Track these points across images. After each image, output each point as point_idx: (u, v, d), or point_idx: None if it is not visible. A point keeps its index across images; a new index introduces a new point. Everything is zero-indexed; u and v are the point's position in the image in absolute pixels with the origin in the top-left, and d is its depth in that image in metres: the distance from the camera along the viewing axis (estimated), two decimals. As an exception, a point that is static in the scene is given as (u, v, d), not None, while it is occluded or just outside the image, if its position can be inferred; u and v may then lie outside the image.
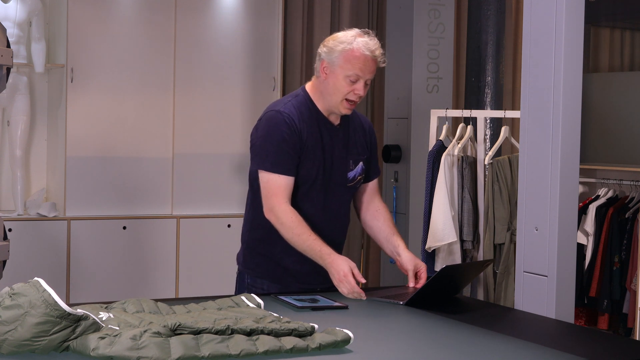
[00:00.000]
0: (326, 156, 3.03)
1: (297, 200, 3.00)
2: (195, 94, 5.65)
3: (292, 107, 3.00)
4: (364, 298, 2.84)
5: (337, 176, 3.07)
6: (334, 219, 3.09)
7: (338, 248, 3.06)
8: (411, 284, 3.00)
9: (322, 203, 3.04)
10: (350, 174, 3.11)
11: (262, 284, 3.08)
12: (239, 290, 3.15)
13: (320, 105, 3.04)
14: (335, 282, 2.86)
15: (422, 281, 3.00)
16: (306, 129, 2.99)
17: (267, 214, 2.96)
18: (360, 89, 2.97)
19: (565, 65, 3.06)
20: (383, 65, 3.01)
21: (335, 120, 3.08)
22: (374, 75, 3.02)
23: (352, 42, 2.96)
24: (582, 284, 5.21)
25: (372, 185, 3.23)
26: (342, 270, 2.83)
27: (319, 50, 3.04)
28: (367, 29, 3.03)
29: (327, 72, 2.99)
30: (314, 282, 3.03)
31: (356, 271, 2.86)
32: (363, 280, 2.93)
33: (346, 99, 2.98)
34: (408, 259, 3.04)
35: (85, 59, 5.33)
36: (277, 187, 2.94)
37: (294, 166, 2.97)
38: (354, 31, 3.01)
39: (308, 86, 3.10)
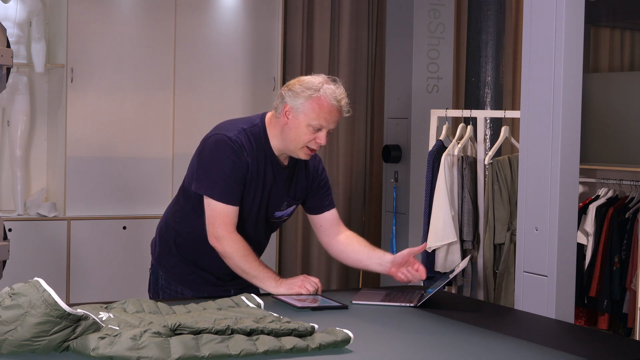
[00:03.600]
0: (264, 194, 2.93)
1: None
2: (195, 94, 5.65)
3: (244, 138, 2.86)
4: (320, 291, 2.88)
5: (267, 213, 2.99)
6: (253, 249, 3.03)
7: None
8: (416, 267, 2.96)
9: (245, 234, 2.94)
10: (278, 214, 3.02)
11: (177, 287, 3.05)
12: (153, 290, 3.12)
13: (274, 144, 2.90)
14: (297, 288, 2.85)
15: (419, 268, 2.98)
16: (252, 163, 2.87)
17: (213, 241, 2.88)
18: (322, 138, 2.84)
19: (565, 65, 3.06)
20: (347, 115, 2.87)
21: (285, 161, 2.96)
22: (336, 125, 2.89)
23: (319, 89, 2.81)
24: (582, 284, 5.20)
25: (332, 216, 3.09)
26: (298, 278, 2.89)
27: (282, 91, 2.88)
28: (334, 77, 2.89)
29: (289, 116, 2.84)
30: (230, 284, 2.99)
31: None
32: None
33: (307, 146, 2.86)
34: (401, 254, 2.97)
35: (85, 59, 5.33)
36: (225, 216, 2.85)
37: (240, 196, 2.88)
38: (321, 77, 2.86)
39: (267, 118, 2.94)
